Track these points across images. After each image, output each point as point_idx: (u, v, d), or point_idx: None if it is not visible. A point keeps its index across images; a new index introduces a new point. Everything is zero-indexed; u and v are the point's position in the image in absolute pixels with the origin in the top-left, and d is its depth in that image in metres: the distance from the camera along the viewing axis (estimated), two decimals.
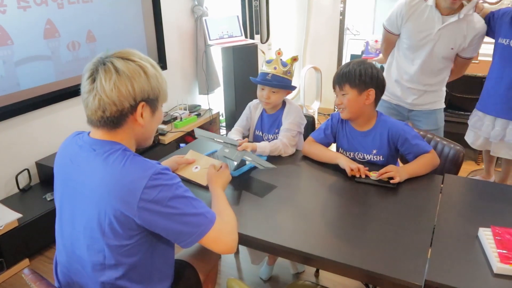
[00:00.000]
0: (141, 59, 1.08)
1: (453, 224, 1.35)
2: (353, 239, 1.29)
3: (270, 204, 1.50)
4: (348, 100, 1.70)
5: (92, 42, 2.88)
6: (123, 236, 1.04)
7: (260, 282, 2.17)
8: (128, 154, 1.07)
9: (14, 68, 2.44)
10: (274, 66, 1.87)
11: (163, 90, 1.13)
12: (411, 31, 2.18)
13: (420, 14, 2.14)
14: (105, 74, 1.02)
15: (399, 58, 2.32)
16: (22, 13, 2.42)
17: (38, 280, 1.06)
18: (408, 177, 1.62)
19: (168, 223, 1.04)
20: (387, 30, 2.31)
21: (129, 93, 1.03)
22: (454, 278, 1.11)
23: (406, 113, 2.43)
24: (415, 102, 2.34)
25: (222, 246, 1.12)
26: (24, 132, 2.58)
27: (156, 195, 1.01)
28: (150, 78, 1.07)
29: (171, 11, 3.57)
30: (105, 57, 1.06)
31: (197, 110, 3.79)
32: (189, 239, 1.07)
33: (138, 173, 1.02)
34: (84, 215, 1.06)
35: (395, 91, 2.38)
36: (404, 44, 2.25)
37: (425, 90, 2.30)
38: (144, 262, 1.12)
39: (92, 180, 1.04)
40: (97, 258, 1.07)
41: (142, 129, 1.12)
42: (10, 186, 2.56)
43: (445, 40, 2.13)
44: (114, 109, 1.04)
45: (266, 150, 1.81)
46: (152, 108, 1.11)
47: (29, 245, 2.35)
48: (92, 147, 1.08)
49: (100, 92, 1.02)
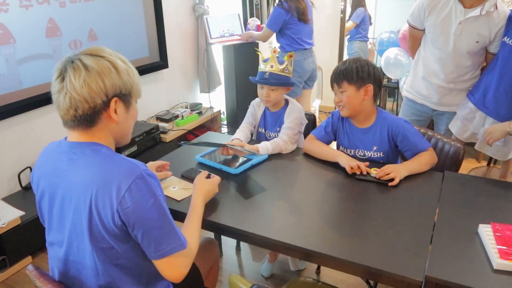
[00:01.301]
0: (110, 55, 1.07)
1: (453, 220, 1.36)
2: (353, 236, 1.30)
3: (271, 201, 1.51)
4: (347, 97, 1.71)
5: (93, 40, 2.89)
6: (110, 240, 1.03)
7: (262, 279, 2.18)
8: (110, 154, 1.06)
9: (16, 66, 2.45)
10: (271, 65, 1.89)
11: (136, 84, 1.11)
12: (433, 24, 2.11)
13: (442, 7, 2.06)
14: (74, 72, 1.01)
15: (425, 54, 2.24)
16: (24, 12, 2.43)
17: (42, 276, 1.06)
18: (407, 174, 1.63)
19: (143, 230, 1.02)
20: (411, 25, 2.24)
21: (100, 89, 1.02)
22: (454, 274, 1.12)
23: (430, 113, 2.34)
24: (441, 102, 2.26)
25: (174, 274, 1.09)
26: (26, 130, 2.59)
27: (136, 200, 1.00)
28: (121, 73, 1.05)
29: (172, 10, 3.57)
30: (74, 55, 1.04)
31: (198, 108, 3.80)
32: (155, 253, 1.05)
33: (121, 175, 1.00)
34: (74, 220, 1.05)
35: (421, 89, 2.30)
36: (428, 39, 2.19)
37: (451, 88, 2.20)
38: (139, 264, 1.11)
39: (77, 185, 1.03)
40: (91, 262, 1.06)
41: (118, 126, 1.10)
42: (13, 184, 2.57)
43: (469, 33, 2.03)
44: (86, 106, 1.02)
45: (269, 150, 1.83)
46: (126, 103, 1.10)
47: (32, 242, 2.36)
48: (72, 151, 1.07)
49: (70, 90, 1.00)
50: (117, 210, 0.99)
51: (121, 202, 0.98)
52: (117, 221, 1.00)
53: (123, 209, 0.99)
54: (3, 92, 2.40)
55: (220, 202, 1.50)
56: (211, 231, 1.89)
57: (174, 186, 1.59)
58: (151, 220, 1.02)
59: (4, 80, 2.40)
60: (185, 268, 1.11)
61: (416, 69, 2.32)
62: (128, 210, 0.99)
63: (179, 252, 1.07)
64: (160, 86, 3.62)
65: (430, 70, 2.23)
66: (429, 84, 2.26)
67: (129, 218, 1.00)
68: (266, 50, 4.35)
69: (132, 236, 1.04)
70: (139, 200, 1.00)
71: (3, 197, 2.51)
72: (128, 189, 0.99)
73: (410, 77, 2.37)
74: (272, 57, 1.90)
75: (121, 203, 0.99)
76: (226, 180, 1.65)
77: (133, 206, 0.99)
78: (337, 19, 4.54)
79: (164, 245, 1.05)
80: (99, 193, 1.00)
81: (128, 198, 0.99)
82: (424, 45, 2.25)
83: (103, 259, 1.05)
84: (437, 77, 2.21)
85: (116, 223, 1.00)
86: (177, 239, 1.07)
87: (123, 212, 0.99)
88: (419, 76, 2.29)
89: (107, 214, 1.00)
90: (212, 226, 1.41)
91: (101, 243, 1.04)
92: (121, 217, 1.00)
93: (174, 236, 1.07)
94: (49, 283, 1.05)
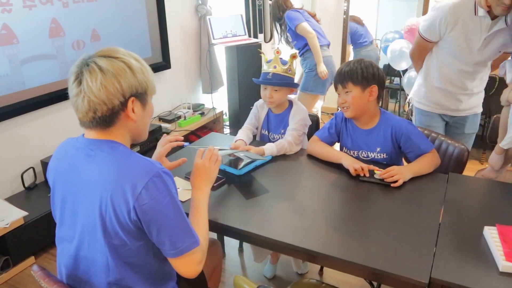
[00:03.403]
0: (124, 55, 1.08)
1: (458, 222, 1.36)
2: (358, 237, 1.29)
3: (275, 202, 1.51)
4: (352, 98, 1.71)
5: (96, 41, 2.89)
6: (124, 236, 1.04)
7: (264, 280, 2.18)
8: (127, 152, 1.08)
9: (19, 67, 2.45)
10: (274, 65, 1.89)
11: (150, 82, 1.13)
12: (456, 40, 1.99)
13: (465, 21, 1.93)
14: (90, 75, 1.02)
15: (441, 64, 2.12)
16: (27, 12, 2.44)
17: (47, 277, 1.06)
18: (412, 176, 1.62)
19: (158, 227, 1.04)
20: (424, 38, 2.09)
21: (117, 90, 1.03)
22: (459, 276, 1.11)
23: (448, 120, 2.26)
24: (462, 108, 2.18)
25: (190, 271, 1.11)
26: (29, 130, 2.60)
27: (154, 197, 1.01)
28: (136, 73, 1.07)
29: (175, 10, 3.57)
30: (88, 57, 1.06)
31: (200, 109, 3.80)
32: (171, 251, 1.07)
33: (139, 172, 1.02)
34: (87, 216, 1.06)
35: (438, 99, 2.20)
36: (446, 53, 2.07)
37: (471, 94, 2.15)
38: (149, 263, 1.12)
39: (93, 180, 1.04)
40: (102, 258, 1.07)
41: (135, 124, 1.12)
42: (16, 184, 2.58)
43: (493, 45, 1.97)
44: (104, 108, 1.04)
45: (274, 151, 1.83)
46: (142, 102, 1.12)
47: (35, 242, 2.36)
48: (89, 148, 1.08)
49: (88, 94, 1.02)
50: (134, 206, 1.01)
51: (138, 199, 1.00)
52: (133, 217, 1.02)
53: (140, 206, 1.01)
54: (6, 93, 2.40)
55: (223, 203, 1.50)
56: (214, 232, 1.88)
57: (178, 187, 1.58)
58: (167, 217, 1.04)
59: (7, 81, 2.40)
60: (200, 264, 1.13)
61: (428, 79, 2.21)
62: (145, 206, 1.01)
63: (194, 249, 1.09)
64: (162, 87, 3.62)
65: (447, 80, 2.13)
66: (446, 93, 2.17)
67: (145, 215, 1.02)
68: (270, 52, 4.35)
69: (146, 233, 1.06)
70: (156, 197, 1.02)
71: (6, 197, 2.51)
72: (146, 186, 1.01)
73: (422, 88, 2.26)
74: (276, 58, 1.90)
75: (138, 199, 1.00)
76: (229, 181, 1.65)
77: (150, 203, 1.01)
78: (340, 20, 4.55)
79: (180, 243, 1.07)
80: (116, 189, 1.01)
81: (145, 195, 1.01)
82: (438, 55, 2.13)
83: (115, 256, 1.06)
84: (455, 86, 2.12)
85: (132, 219, 1.02)
86: (192, 236, 1.09)
87: (140, 209, 1.01)
88: (433, 86, 2.19)
89: (123, 211, 1.01)
90: (215, 227, 1.41)
91: (114, 240, 1.05)
92: (137, 213, 1.01)
93: (189, 233, 1.09)
94: (54, 283, 1.05)
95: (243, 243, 2.44)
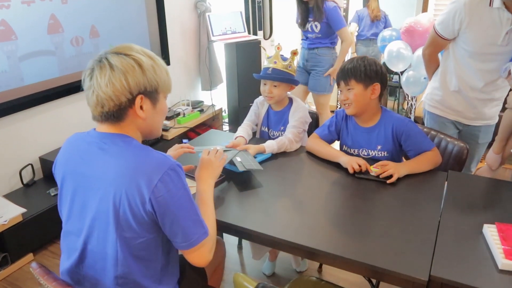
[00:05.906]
0: (137, 52, 1.09)
1: (458, 220, 1.36)
2: (357, 234, 1.30)
3: (275, 199, 1.51)
4: (354, 95, 1.71)
5: (95, 37, 2.88)
6: (136, 229, 1.05)
7: (264, 278, 2.18)
8: (141, 146, 1.10)
9: (18, 63, 2.44)
10: (274, 61, 1.89)
11: (162, 81, 1.13)
12: (473, 37, 1.87)
13: (482, 16, 1.81)
14: (100, 71, 1.05)
15: (458, 67, 1.99)
16: (26, 8, 2.42)
17: (46, 274, 1.06)
18: (408, 173, 1.63)
19: (172, 219, 1.06)
20: (439, 34, 1.98)
21: (124, 88, 1.05)
22: (458, 273, 1.11)
23: (462, 128, 2.14)
24: (477, 116, 2.06)
25: (202, 261, 1.15)
26: (27, 127, 2.59)
27: (169, 190, 1.04)
28: (145, 71, 1.07)
29: (174, 7, 3.56)
30: (104, 54, 1.08)
31: (200, 106, 3.79)
32: (183, 243, 1.10)
33: (155, 165, 1.04)
34: (99, 208, 1.07)
35: (453, 104, 2.07)
36: (464, 52, 1.94)
37: (491, 100, 2.02)
38: (158, 258, 1.13)
39: (107, 173, 1.05)
40: (112, 251, 1.07)
41: (144, 122, 1.13)
42: (14, 181, 2.57)
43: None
44: (111, 104, 1.06)
45: (275, 148, 1.83)
46: (152, 100, 1.12)
47: (33, 239, 2.36)
48: (102, 141, 1.10)
49: (96, 89, 1.05)
50: (150, 198, 1.02)
51: (154, 191, 1.02)
52: (149, 209, 1.03)
53: (155, 198, 1.02)
54: (4, 89, 2.40)
55: (223, 200, 1.50)
56: None
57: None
58: (181, 209, 1.07)
59: (5, 77, 2.39)
60: (210, 252, 1.16)
61: (445, 82, 2.08)
62: (161, 198, 1.03)
63: (204, 240, 1.12)
64: None
65: (465, 84, 2.00)
66: (463, 98, 2.04)
67: (160, 207, 1.04)
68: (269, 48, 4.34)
69: (160, 224, 1.08)
70: (171, 189, 1.04)
71: (5, 194, 2.51)
72: (161, 179, 1.03)
73: (436, 91, 2.13)
74: (276, 53, 1.90)
75: (154, 192, 1.02)
76: (229, 178, 1.65)
77: (166, 195, 1.03)
78: None
79: (192, 235, 1.09)
80: (132, 182, 1.03)
81: (161, 187, 1.03)
82: (455, 57, 2.00)
83: (125, 249, 1.07)
84: (474, 90, 1.99)
85: (148, 211, 1.04)
86: (202, 227, 1.12)
87: (155, 201, 1.03)
88: (448, 89, 2.07)
89: (137, 203, 1.03)
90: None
91: (127, 232, 1.06)
92: (153, 205, 1.03)
93: (200, 225, 1.12)
94: (54, 281, 1.04)
95: (243, 240, 2.44)
